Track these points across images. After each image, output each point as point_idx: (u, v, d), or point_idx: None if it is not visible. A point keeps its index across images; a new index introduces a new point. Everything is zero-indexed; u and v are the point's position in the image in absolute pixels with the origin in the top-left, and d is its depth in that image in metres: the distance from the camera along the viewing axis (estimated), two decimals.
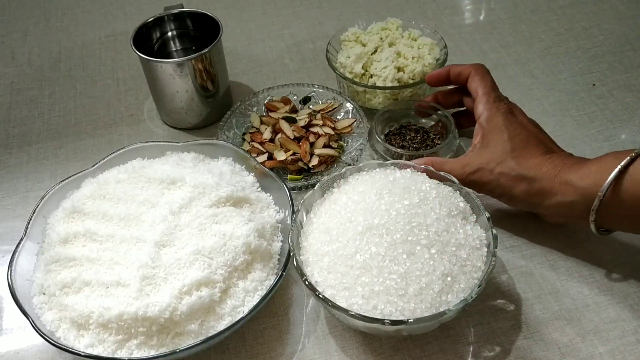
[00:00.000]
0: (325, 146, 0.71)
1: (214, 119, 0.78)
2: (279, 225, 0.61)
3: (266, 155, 0.71)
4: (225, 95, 0.79)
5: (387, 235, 0.52)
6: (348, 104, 0.75)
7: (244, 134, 0.75)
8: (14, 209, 0.70)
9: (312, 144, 0.71)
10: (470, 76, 0.65)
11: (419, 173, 0.58)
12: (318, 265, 0.53)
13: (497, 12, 0.94)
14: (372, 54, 0.77)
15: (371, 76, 0.75)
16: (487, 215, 0.54)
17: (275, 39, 0.92)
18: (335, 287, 0.51)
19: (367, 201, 0.55)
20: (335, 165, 0.70)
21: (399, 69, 0.75)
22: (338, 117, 0.76)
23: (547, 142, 0.60)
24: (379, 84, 0.74)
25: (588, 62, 0.84)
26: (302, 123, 0.73)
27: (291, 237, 0.55)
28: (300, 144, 0.71)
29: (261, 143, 0.72)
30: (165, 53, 0.80)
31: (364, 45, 0.78)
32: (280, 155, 0.70)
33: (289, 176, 0.69)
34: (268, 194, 0.64)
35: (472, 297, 0.49)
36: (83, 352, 0.51)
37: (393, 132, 0.73)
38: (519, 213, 0.65)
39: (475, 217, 0.56)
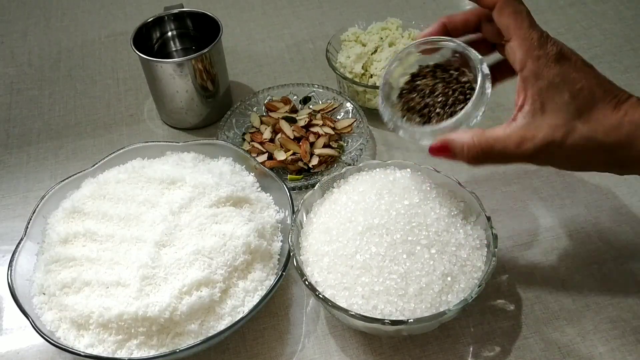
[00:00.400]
0: (325, 146, 0.71)
1: (214, 119, 0.78)
2: (279, 225, 0.61)
3: (266, 155, 0.71)
4: (225, 95, 0.79)
5: (387, 235, 0.52)
6: (348, 104, 0.75)
7: (244, 134, 0.75)
8: (14, 209, 0.70)
9: (312, 144, 0.71)
10: (498, 7, 0.48)
11: (419, 173, 0.58)
12: (318, 265, 0.53)
13: None
14: (372, 54, 0.77)
15: (371, 76, 0.75)
16: (487, 215, 0.54)
17: (275, 39, 0.92)
18: (335, 287, 0.51)
19: (367, 201, 0.55)
20: (335, 165, 0.70)
21: None
22: (338, 117, 0.76)
23: (612, 88, 0.47)
24: (379, 84, 0.74)
25: None
26: (302, 123, 0.73)
27: (291, 237, 0.55)
28: (300, 144, 0.71)
29: (261, 143, 0.72)
30: (165, 53, 0.80)
31: (364, 45, 0.78)
32: (280, 155, 0.70)
33: (289, 176, 0.69)
34: (268, 194, 0.64)
35: (472, 297, 0.49)
36: (83, 352, 0.51)
37: (406, 90, 0.55)
38: (519, 213, 0.65)
39: (475, 217, 0.56)
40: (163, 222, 0.57)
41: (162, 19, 0.78)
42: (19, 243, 0.58)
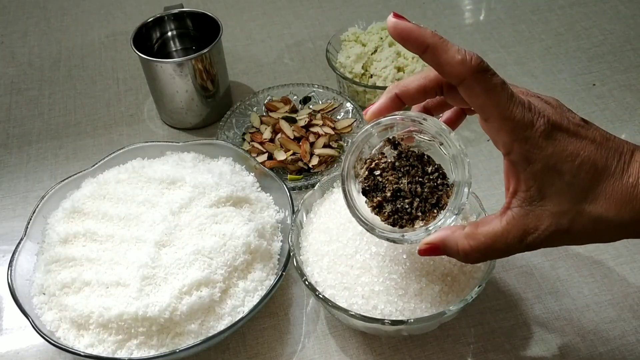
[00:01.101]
0: (325, 146, 0.71)
1: (214, 119, 0.78)
2: (279, 225, 0.61)
3: (266, 155, 0.71)
4: (225, 95, 0.79)
5: None
6: (348, 104, 0.75)
7: (244, 134, 0.75)
8: (14, 209, 0.70)
9: (312, 144, 0.71)
10: (465, 85, 0.39)
11: None
12: (318, 265, 0.53)
13: (497, 12, 0.94)
14: (372, 54, 0.77)
15: (371, 76, 0.75)
16: (487, 215, 0.54)
17: (275, 39, 0.92)
18: (335, 287, 0.51)
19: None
20: (335, 165, 0.70)
21: (399, 69, 0.75)
22: (338, 117, 0.76)
23: (614, 146, 0.41)
24: (379, 84, 0.74)
25: (588, 62, 0.84)
26: (302, 123, 0.73)
27: (291, 237, 0.55)
28: (300, 144, 0.71)
29: (261, 143, 0.72)
30: (165, 53, 0.80)
31: (364, 45, 0.78)
32: (280, 155, 0.70)
33: (289, 176, 0.69)
34: (268, 194, 0.64)
35: (472, 297, 0.49)
36: (83, 352, 0.51)
37: (368, 187, 0.48)
38: None
39: (475, 217, 0.56)
40: (163, 222, 0.57)
41: (162, 19, 0.78)
42: (19, 243, 0.58)
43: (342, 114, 0.76)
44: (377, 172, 0.47)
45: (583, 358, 0.54)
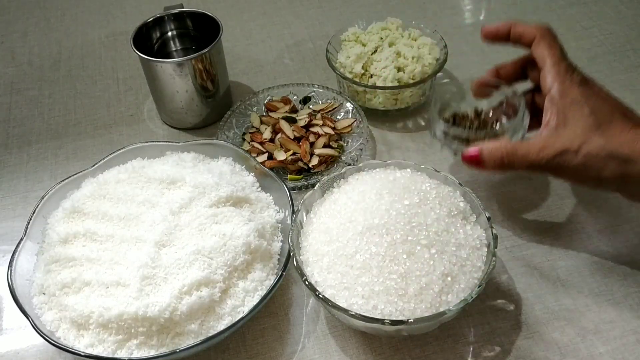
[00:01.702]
0: (325, 146, 0.71)
1: (214, 119, 0.78)
2: (279, 225, 0.61)
3: (266, 155, 0.71)
4: (225, 95, 0.79)
5: (387, 235, 0.52)
6: (348, 104, 0.75)
7: (244, 134, 0.75)
8: (14, 209, 0.70)
9: (312, 144, 0.71)
10: (536, 41, 0.56)
11: (419, 173, 0.58)
12: (318, 265, 0.53)
13: (497, 12, 0.94)
14: (372, 54, 0.77)
15: (371, 76, 0.75)
16: (487, 215, 0.54)
17: (275, 39, 0.92)
18: (335, 287, 0.51)
19: (367, 201, 0.55)
20: (335, 165, 0.70)
21: (399, 69, 0.75)
22: (338, 117, 0.76)
23: (631, 114, 0.52)
24: (379, 84, 0.74)
25: (588, 62, 0.84)
26: (302, 123, 0.73)
27: (291, 237, 0.55)
28: (300, 144, 0.71)
29: (261, 143, 0.72)
30: (165, 53, 0.80)
31: (364, 45, 0.78)
32: (280, 155, 0.70)
33: (289, 176, 0.69)
34: (268, 194, 0.64)
35: (472, 297, 0.49)
36: (83, 352, 0.51)
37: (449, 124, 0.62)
38: (519, 213, 0.65)
39: (475, 217, 0.56)
40: (163, 222, 0.57)
41: (162, 19, 0.78)
42: (19, 243, 0.58)
43: (342, 114, 0.76)
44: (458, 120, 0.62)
45: (583, 358, 0.54)
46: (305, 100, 0.78)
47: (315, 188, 0.59)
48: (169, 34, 0.80)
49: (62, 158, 0.76)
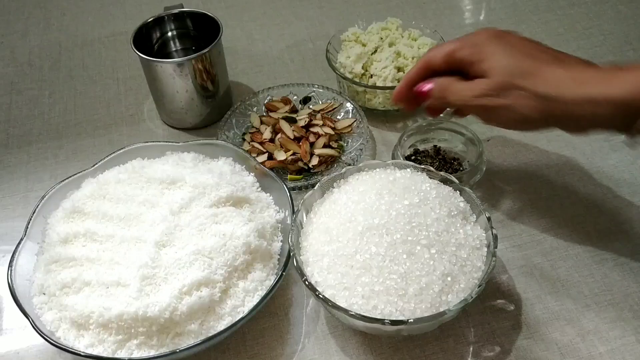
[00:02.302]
0: (325, 146, 0.71)
1: (214, 119, 0.78)
2: (279, 225, 0.61)
3: (266, 155, 0.71)
4: (225, 95, 0.79)
5: (387, 235, 0.52)
6: (348, 104, 0.75)
7: (244, 134, 0.75)
8: (14, 209, 0.70)
9: (312, 144, 0.71)
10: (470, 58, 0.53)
11: (419, 173, 0.58)
12: (318, 265, 0.53)
13: (497, 12, 0.94)
14: (372, 54, 0.77)
15: (371, 76, 0.75)
16: (487, 215, 0.54)
17: (275, 39, 0.92)
18: (335, 287, 0.51)
19: (367, 201, 0.55)
20: (335, 165, 0.70)
21: (398, 69, 0.75)
22: (338, 117, 0.76)
23: (552, 50, 0.52)
24: (379, 84, 0.74)
25: None
26: (302, 123, 0.73)
27: (291, 237, 0.55)
28: (300, 144, 0.71)
29: (261, 143, 0.72)
30: (165, 53, 0.80)
31: (364, 45, 0.78)
32: (280, 155, 0.70)
33: (289, 176, 0.69)
34: (268, 194, 0.64)
35: (472, 297, 0.49)
36: (83, 352, 0.51)
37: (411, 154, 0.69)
38: (519, 213, 0.65)
39: (475, 217, 0.56)
40: (163, 222, 0.57)
41: (162, 19, 0.78)
42: (19, 243, 0.58)
43: (342, 114, 0.76)
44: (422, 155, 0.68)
45: (583, 358, 0.54)
46: (305, 101, 0.78)
47: (315, 188, 0.59)
48: (169, 34, 0.80)
49: (62, 158, 0.76)
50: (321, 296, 0.50)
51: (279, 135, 0.72)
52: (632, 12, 0.92)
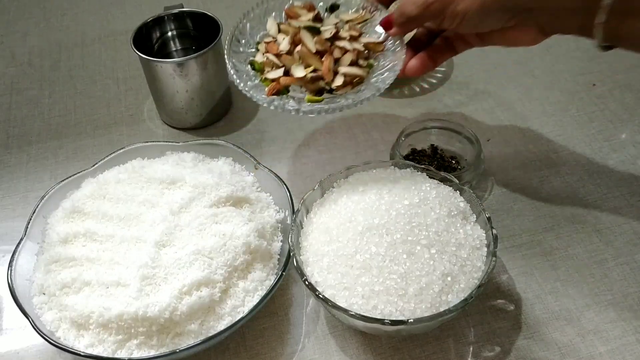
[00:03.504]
0: (352, 64, 0.59)
1: (214, 119, 0.78)
2: (279, 225, 0.61)
3: (282, 70, 0.59)
4: (225, 95, 0.79)
5: (387, 235, 0.52)
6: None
7: (258, 43, 0.63)
8: (14, 209, 0.70)
9: (336, 61, 0.59)
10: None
11: (419, 173, 0.58)
12: (318, 265, 0.53)
13: None
14: None
15: None
16: (487, 215, 0.54)
17: None
18: (335, 287, 0.51)
19: (367, 201, 0.55)
20: (363, 88, 0.59)
21: None
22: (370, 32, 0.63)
23: None
24: None
25: (588, 62, 0.83)
26: (326, 35, 0.60)
27: (291, 237, 0.55)
28: (323, 59, 0.59)
29: (277, 55, 0.60)
30: (165, 53, 0.80)
31: None
32: (299, 72, 0.58)
33: (306, 97, 0.59)
34: (268, 194, 0.64)
35: (472, 297, 0.49)
36: (83, 352, 0.51)
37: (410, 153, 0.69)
38: (519, 213, 0.65)
39: (475, 217, 0.56)
40: (163, 222, 0.57)
41: (162, 19, 0.78)
42: (19, 243, 0.58)
43: (375, 28, 0.62)
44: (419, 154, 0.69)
45: (583, 358, 0.54)
46: (333, 8, 0.64)
47: (315, 188, 0.59)
48: (169, 34, 0.80)
49: (62, 158, 0.76)
50: (321, 296, 0.50)
51: (298, 48, 0.60)
52: None
